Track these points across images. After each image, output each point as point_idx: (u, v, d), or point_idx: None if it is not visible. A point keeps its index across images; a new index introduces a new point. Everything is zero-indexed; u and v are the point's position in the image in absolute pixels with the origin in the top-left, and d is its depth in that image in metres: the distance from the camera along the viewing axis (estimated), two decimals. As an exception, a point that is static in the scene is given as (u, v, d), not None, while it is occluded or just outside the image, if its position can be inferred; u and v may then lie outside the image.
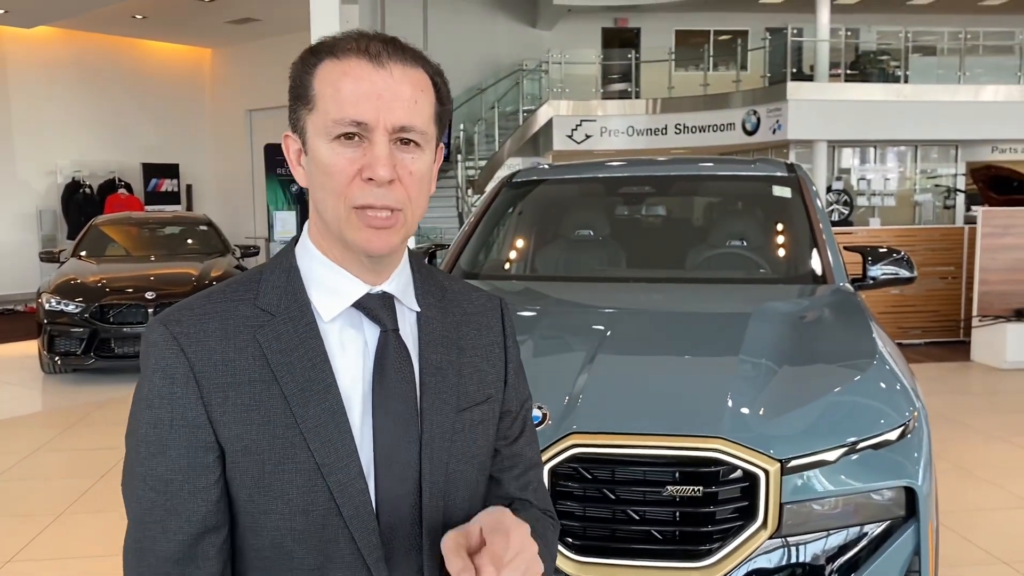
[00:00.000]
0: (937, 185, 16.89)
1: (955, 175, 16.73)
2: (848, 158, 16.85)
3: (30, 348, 8.35)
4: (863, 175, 16.87)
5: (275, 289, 1.02)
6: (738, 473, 2.00)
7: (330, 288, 1.02)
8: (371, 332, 1.03)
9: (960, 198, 15.86)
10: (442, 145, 1.08)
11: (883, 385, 2.34)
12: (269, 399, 0.97)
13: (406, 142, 0.98)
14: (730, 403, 2.12)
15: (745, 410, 2.11)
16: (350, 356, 1.02)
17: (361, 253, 1.00)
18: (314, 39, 1.07)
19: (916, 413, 2.23)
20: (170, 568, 0.99)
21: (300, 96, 1.00)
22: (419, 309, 1.08)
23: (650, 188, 4.04)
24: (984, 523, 4.11)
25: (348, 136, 0.96)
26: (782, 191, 3.67)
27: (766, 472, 1.98)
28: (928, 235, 9.20)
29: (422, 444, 1.03)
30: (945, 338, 8.83)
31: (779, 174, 3.74)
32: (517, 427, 1.17)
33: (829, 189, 15.70)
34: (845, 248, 3.67)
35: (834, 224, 14.15)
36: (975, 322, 8.06)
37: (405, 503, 1.01)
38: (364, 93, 0.96)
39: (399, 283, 1.06)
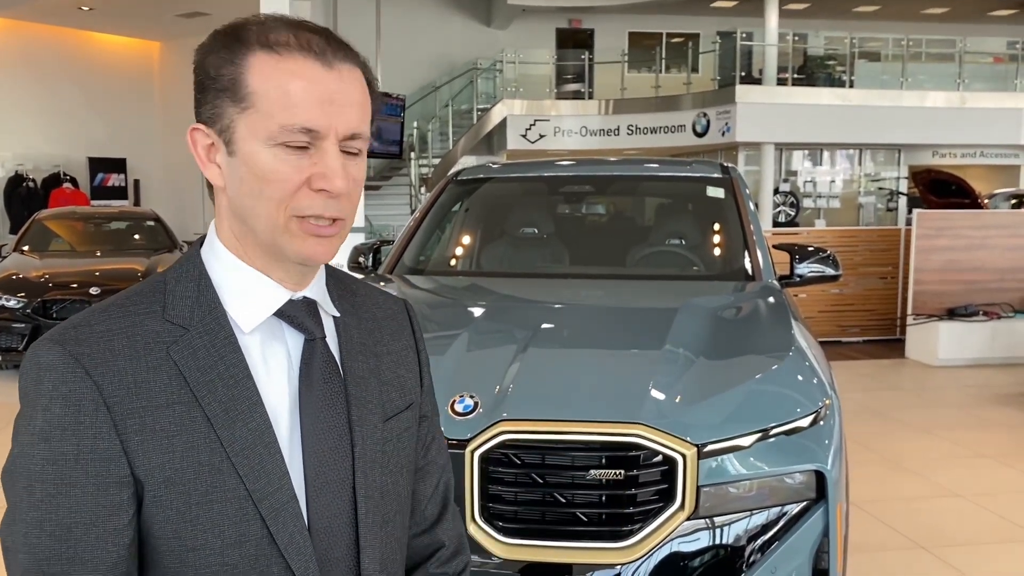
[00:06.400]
0: (880, 188, 17.38)
1: (898, 178, 17.24)
2: (795, 161, 17.25)
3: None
4: (810, 177, 17.29)
5: (185, 300, 0.93)
6: (658, 457, 2.11)
7: (248, 296, 0.94)
8: (293, 341, 0.96)
9: (902, 201, 16.33)
10: None
11: (798, 376, 2.46)
12: (191, 423, 0.88)
13: (354, 151, 0.93)
14: (651, 391, 2.23)
15: (665, 398, 2.22)
16: (274, 369, 0.94)
17: (299, 262, 0.94)
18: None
19: (828, 402, 2.36)
20: None
21: (225, 89, 0.90)
22: (337, 314, 1.02)
23: (591, 188, 4.15)
24: (907, 511, 4.29)
25: (298, 144, 0.89)
26: (716, 192, 3.80)
27: (683, 456, 2.09)
28: (868, 236, 9.50)
29: (355, 458, 0.97)
30: (882, 336, 9.12)
31: (714, 175, 3.88)
32: (433, 431, 1.15)
33: (776, 191, 16.07)
34: (775, 247, 3.83)
35: (781, 225, 14.60)
36: (910, 320, 8.34)
37: (338, 523, 0.95)
38: (317, 98, 0.88)
39: (319, 287, 1.00)
